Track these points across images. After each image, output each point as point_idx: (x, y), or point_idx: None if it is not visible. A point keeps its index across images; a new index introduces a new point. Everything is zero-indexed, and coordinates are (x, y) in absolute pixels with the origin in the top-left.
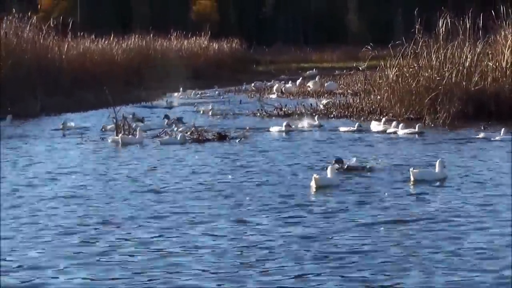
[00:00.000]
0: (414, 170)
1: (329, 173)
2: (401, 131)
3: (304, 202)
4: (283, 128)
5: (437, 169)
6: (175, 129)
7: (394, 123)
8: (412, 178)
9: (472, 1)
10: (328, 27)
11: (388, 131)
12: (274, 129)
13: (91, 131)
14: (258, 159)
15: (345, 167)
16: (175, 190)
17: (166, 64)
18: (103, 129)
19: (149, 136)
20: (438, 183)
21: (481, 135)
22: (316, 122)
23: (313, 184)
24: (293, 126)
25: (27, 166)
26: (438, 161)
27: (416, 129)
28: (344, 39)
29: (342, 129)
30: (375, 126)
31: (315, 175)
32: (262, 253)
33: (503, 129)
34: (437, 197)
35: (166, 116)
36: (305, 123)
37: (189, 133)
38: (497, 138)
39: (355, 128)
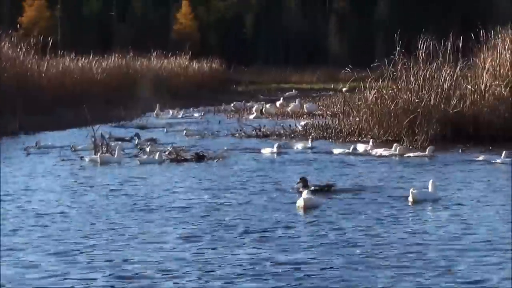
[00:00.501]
0: (414, 191)
1: (304, 194)
2: (411, 154)
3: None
4: (275, 150)
5: (430, 190)
6: (147, 149)
7: (394, 145)
8: (411, 199)
9: (453, 24)
10: (308, 48)
11: (385, 154)
12: (265, 151)
13: (67, 150)
14: (233, 180)
15: (311, 188)
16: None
17: (145, 84)
18: (73, 149)
19: (127, 156)
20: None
21: (481, 157)
22: (309, 144)
23: (300, 205)
24: (285, 148)
25: None
26: (430, 181)
27: (427, 153)
28: (325, 61)
29: (335, 151)
30: (372, 148)
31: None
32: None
33: (504, 152)
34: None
35: (137, 135)
36: (298, 145)
37: (167, 152)
38: (498, 161)
39: (349, 151)
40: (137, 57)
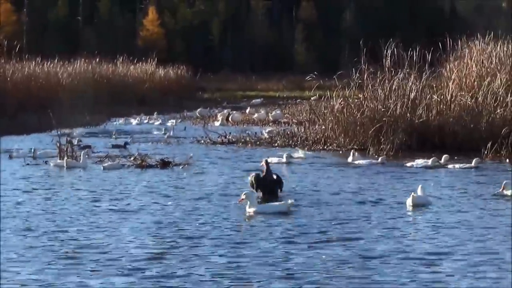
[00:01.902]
0: (414, 195)
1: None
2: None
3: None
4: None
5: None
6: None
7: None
8: (411, 203)
9: (420, 34)
10: (275, 56)
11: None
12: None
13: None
14: (197, 185)
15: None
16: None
17: (111, 89)
18: (33, 156)
19: (92, 161)
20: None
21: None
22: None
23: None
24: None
25: None
26: (420, 186)
27: (473, 164)
28: (291, 69)
29: (327, 161)
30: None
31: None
32: None
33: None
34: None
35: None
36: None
37: (132, 158)
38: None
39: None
40: (103, 62)
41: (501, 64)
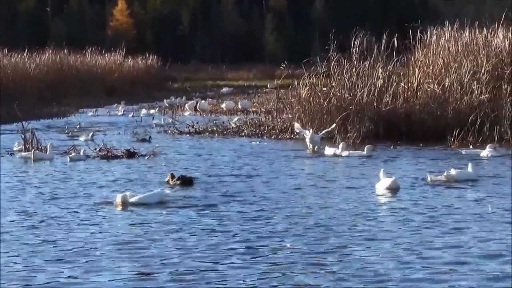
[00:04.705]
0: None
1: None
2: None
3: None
4: (339, 151)
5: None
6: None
7: None
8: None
9: (390, 23)
10: (245, 46)
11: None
12: (329, 152)
13: None
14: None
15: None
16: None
17: (80, 80)
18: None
19: (58, 152)
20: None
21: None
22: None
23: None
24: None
25: None
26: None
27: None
28: (261, 58)
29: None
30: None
31: None
32: None
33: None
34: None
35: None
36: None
37: (98, 149)
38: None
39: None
40: (72, 53)
41: (467, 51)
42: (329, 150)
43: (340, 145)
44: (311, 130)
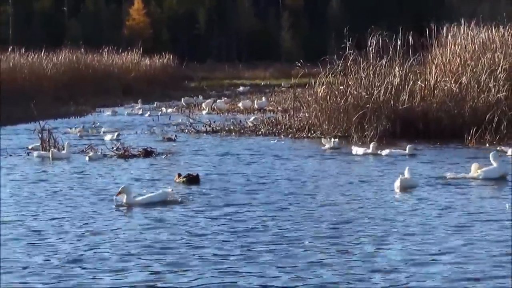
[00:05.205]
0: (402, 178)
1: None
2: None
3: None
4: (370, 150)
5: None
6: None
7: None
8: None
9: (406, 20)
10: (261, 45)
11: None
12: (357, 151)
13: (14, 146)
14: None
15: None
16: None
17: (96, 79)
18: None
19: (75, 152)
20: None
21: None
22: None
23: None
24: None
25: None
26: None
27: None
28: (277, 57)
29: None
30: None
31: None
32: None
33: None
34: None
35: None
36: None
37: (115, 148)
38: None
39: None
40: (88, 52)
41: (484, 49)
42: (358, 150)
43: (371, 145)
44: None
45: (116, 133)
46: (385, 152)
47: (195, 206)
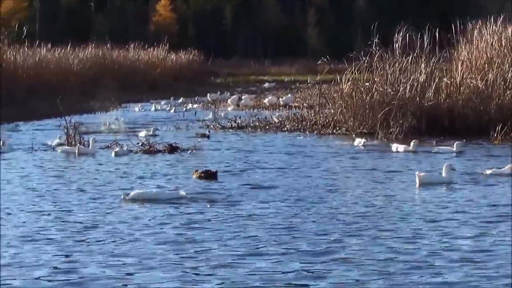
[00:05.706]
0: (421, 174)
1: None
2: None
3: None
4: (411, 148)
5: (444, 174)
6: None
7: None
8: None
9: (432, 17)
10: (287, 41)
11: None
12: (398, 148)
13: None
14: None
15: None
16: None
17: (122, 75)
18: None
19: (100, 147)
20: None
21: None
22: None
23: None
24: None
25: None
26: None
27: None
28: (304, 53)
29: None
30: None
31: None
32: None
33: None
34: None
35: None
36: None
37: (140, 144)
38: None
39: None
40: (114, 48)
41: (511, 46)
42: (399, 147)
43: (412, 143)
44: None
45: (152, 128)
46: (434, 149)
47: (220, 204)
